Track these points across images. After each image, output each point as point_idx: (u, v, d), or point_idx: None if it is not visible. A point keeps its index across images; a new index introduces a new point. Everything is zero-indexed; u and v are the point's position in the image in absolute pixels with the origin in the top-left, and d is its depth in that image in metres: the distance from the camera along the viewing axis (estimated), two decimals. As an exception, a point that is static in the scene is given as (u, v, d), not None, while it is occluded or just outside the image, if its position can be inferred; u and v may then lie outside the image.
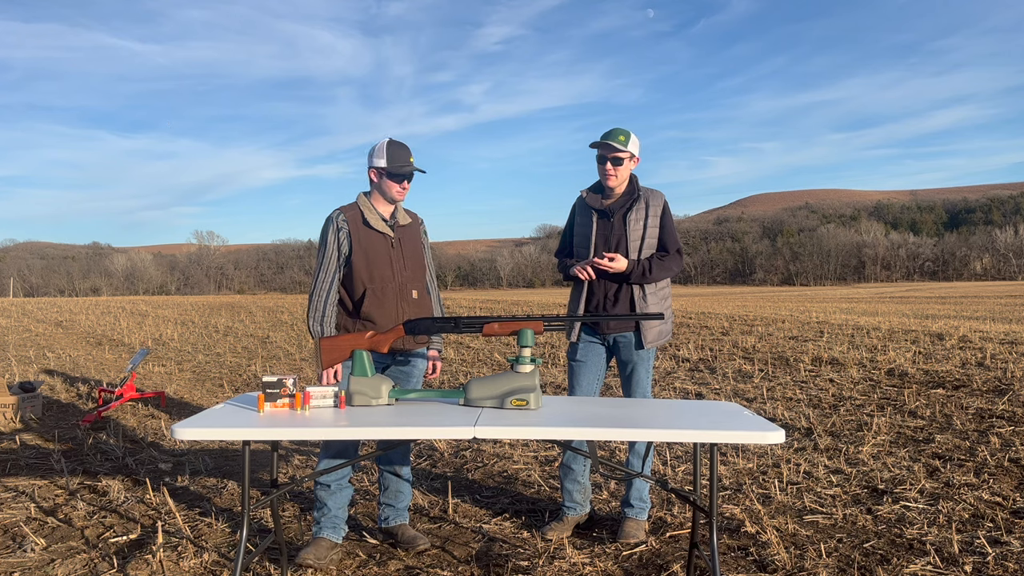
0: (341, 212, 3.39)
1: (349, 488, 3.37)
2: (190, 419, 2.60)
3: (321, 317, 3.33)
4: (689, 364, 8.62)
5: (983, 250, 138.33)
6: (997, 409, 5.66)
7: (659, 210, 3.54)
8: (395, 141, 3.37)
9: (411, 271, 3.44)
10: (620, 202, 3.53)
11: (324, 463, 3.30)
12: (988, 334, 9.90)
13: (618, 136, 3.45)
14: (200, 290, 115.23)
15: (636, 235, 3.50)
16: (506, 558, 3.30)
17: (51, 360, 11.02)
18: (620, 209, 3.52)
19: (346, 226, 3.35)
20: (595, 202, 3.56)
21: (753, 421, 2.58)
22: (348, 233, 3.35)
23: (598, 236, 3.54)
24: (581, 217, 3.63)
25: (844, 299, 38.14)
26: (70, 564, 3.30)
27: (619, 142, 3.43)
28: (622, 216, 3.51)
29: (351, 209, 3.40)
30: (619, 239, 3.51)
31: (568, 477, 3.62)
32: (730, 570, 3.13)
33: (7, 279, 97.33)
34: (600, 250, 3.52)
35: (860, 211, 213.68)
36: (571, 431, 2.49)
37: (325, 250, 3.37)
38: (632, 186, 3.57)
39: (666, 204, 3.58)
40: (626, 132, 3.47)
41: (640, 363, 3.51)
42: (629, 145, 3.44)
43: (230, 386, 8.49)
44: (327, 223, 3.40)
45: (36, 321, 19.74)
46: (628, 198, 3.54)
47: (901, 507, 3.76)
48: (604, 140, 3.45)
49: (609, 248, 3.51)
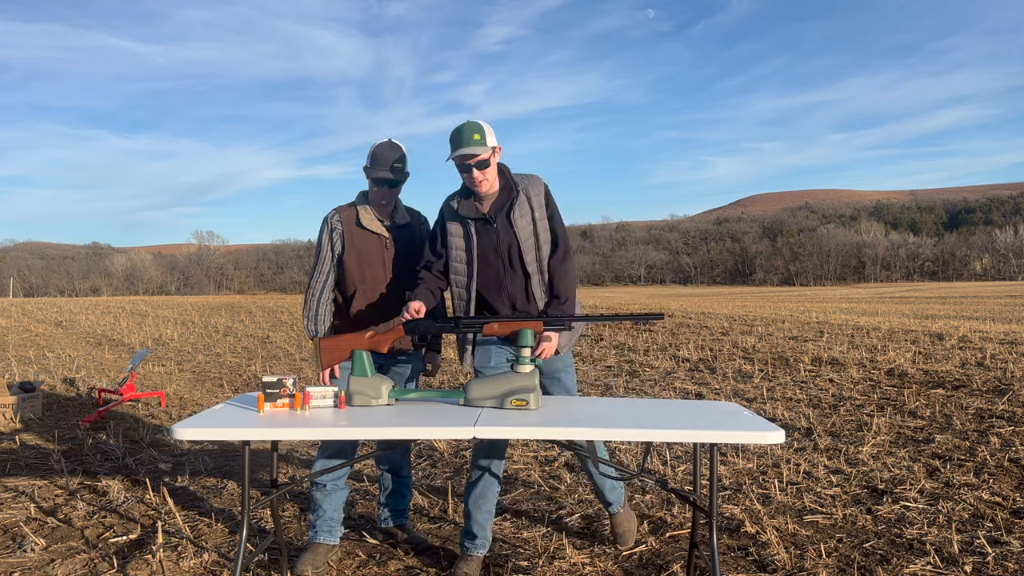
0: (336, 212, 3.37)
1: (346, 489, 3.36)
2: (190, 419, 2.60)
3: (315, 316, 3.33)
4: (689, 364, 8.62)
5: (983, 250, 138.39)
6: (997, 409, 5.66)
7: (542, 199, 3.11)
8: (384, 143, 3.28)
9: (405, 271, 3.36)
10: (499, 203, 3.09)
11: (321, 463, 3.28)
12: (988, 334, 9.90)
13: (472, 136, 2.97)
14: (200, 290, 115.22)
15: (526, 235, 3.06)
16: (506, 558, 3.30)
17: (51, 360, 11.02)
18: (501, 211, 3.07)
19: (340, 226, 3.34)
20: (470, 210, 3.09)
21: (753, 421, 2.58)
22: (342, 234, 3.33)
23: (482, 247, 3.08)
24: (455, 226, 3.13)
25: (844, 299, 38.14)
26: (70, 564, 3.30)
27: (475, 143, 2.96)
28: (505, 218, 3.07)
29: (347, 209, 3.38)
30: (509, 245, 3.07)
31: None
32: (730, 570, 3.13)
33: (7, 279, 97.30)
34: (492, 261, 3.09)
35: (860, 211, 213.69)
36: (571, 431, 2.49)
37: (320, 250, 3.37)
38: (506, 180, 3.11)
39: (547, 189, 3.14)
40: (478, 126, 2.99)
41: (563, 369, 3.24)
42: (488, 140, 2.99)
43: (230, 386, 8.49)
44: (323, 224, 3.39)
45: (36, 321, 19.74)
46: (506, 196, 3.09)
47: (901, 507, 3.76)
48: (458, 148, 2.97)
49: (501, 257, 3.07)
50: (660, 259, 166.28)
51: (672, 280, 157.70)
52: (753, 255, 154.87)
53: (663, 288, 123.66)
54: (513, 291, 3.11)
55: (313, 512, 3.31)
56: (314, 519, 3.30)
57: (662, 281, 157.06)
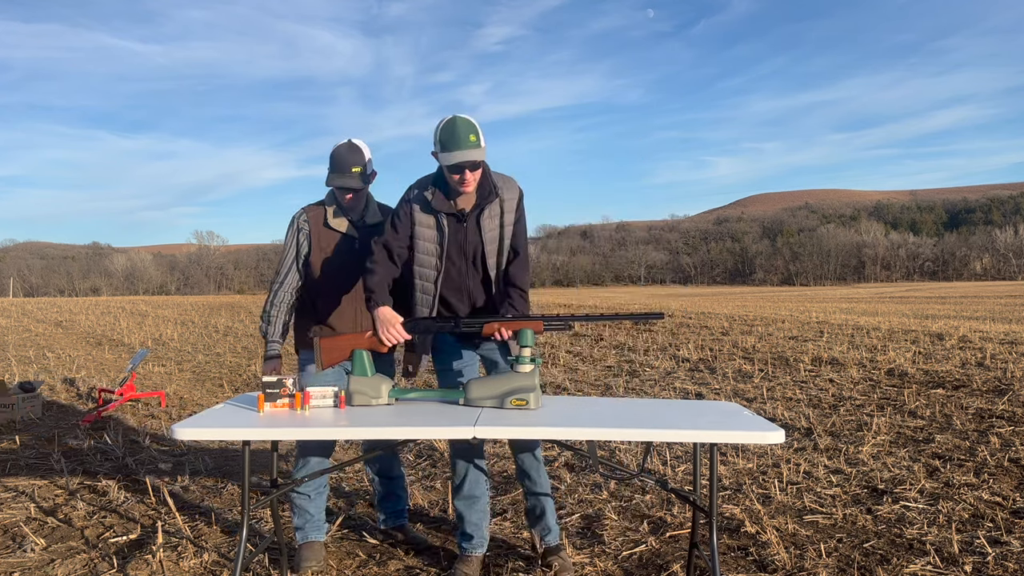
0: (304, 212, 3.28)
1: (327, 488, 3.37)
2: (190, 419, 2.60)
3: (268, 315, 3.26)
4: (689, 364, 8.62)
5: (983, 250, 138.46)
6: (997, 409, 5.66)
7: (514, 204, 3.00)
8: (344, 146, 3.14)
9: None
10: (474, 202, 2.95)
11: (304, 470, 3.19)
12: (988, 334, 9.91)
13: (468, 137, 2.75)
14: (200, 290, 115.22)
15: (492, 238, 2.97)
16: (506, 558, 3.30)
17: (51, 360, 11.02)
18: (474, 211, 2.94)
19: (307, 226, 3.25)
20: (443, 204, 2.92)
21: (753, 421, 2.58)
22: (308, 234, 3.24)
23: (451, 242, 2.96)
24: (426, 217, 2.96)
25: (844, 299, 38.14)
26: (70, 564, 3.30)
27: (471, 145, 2.75)
28: (475, 218, 2.95)
29: (315, 209, 3.28)
30: (475, 247, 2.96)
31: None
32: (730, 570, 3.13)
33: (7, 279, 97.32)
34: (455, 258, 2.99)
35: (860, 211, 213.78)
36: (571, 431, 2.49)
37: (286, 251, 3.29)
38: (485, 178, 2.94)
39: (520, 195, 3.03)
40: (472, 125, 2.78)
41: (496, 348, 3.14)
42: (482, 140, 2.79)
43: (230, 386, 8.49)
44: (290, 223, 3.30)
45: (36, 321, 19.75)
46: (481, 196, 2.94)
47: (901, 507, 3.76)
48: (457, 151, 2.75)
49: (465, 256, 2.98)
50: (660, 259, 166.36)
51: (672, 280, 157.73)
52: (753, 255, 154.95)
53: (663, 288, 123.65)
54: (474, 291, 3.05)
55: (299, 516, 3.28)
56: (301, 522, 3.28)
57: (662, 281, 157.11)
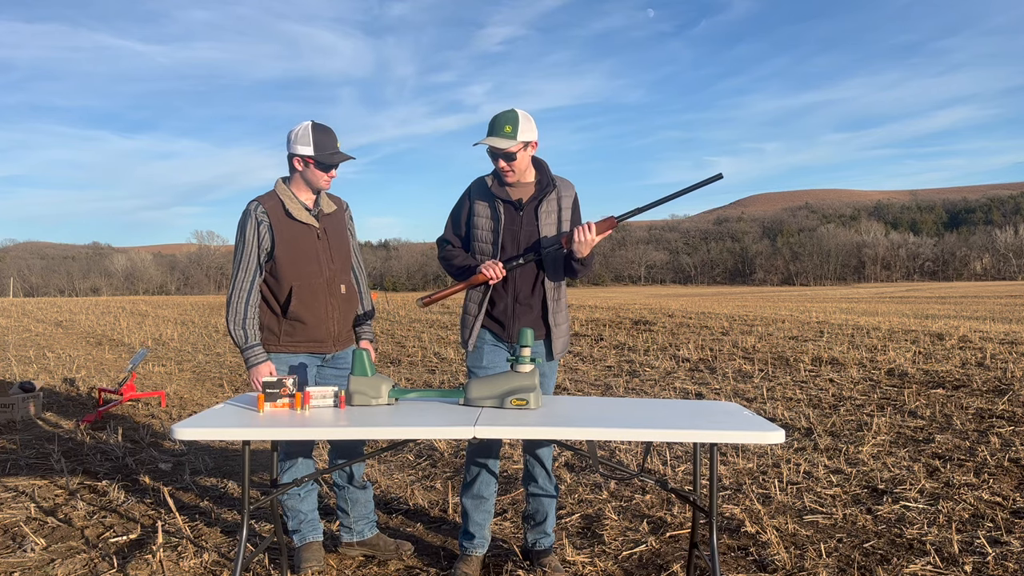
0: (259, 204, 3.07)
1: (316, 487, 3.36)
2: (190, 419, 2.60)
3: (243, 320, 3.04)
4: (689, 364, 8.62)
5: (983, 250, 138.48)
6: (997, 409, 5.66)
7: (571, 202, 3.13)
8: (319, 125, 3.06)
9: (339, 264, 3.20)
10: (532, 193, 3.07)
11: (292, 472, 3.17)
12: (988, 334, 9.90)
13: (503, 128, 2.90)
14: (200, 290, 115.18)
15: (549, 231, 3.06)
16: (506, 558, 3.30)
17: (51, 360, 11.02)
18: (532, 201, 3.06)
19: (267, 219, 3.05)
20: (502, 192, 3.04)
21: (753, 421, 2.58)
22: (269, 226, 3.05)
23: (506, 231, 3.05)
24: (483, 206, 3.09)
25: (844, 299, 38.12)
26: (70, 564, 3.30)
27: (503, 135, 2.90)
28: (533, 209, 3.06)
29: (270, 199, 3.09)
30: (530, 235, 3.05)
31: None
32: (730, 570, 3.13)
33: (7, 279, 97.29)
34: (508, 247, 3.06)
35: (860, 211, 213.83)
36: (571, 431, 2.49)
37: (244, 246, 3.05)
38: (543, 174, 3.10)
39: (576, 197, 3.17)
40: (513, 117, 2.91)
41: (549, 374, 3.17)
42: (519, 134, 2.90)
43: (230, 386, 8.49)
44: (244, 216, 3.07)
45: (36, 321, 19.75)
46: (540, 188, 3.08)
47: (901, 507, 3.76)
48: (487, 137, 2.94)
49: (518, 246, 3.06)
50: (660, 259, 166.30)
51: (672, 280, 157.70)
52: (753, 255, 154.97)
53: (663, 288, 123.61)
54: (520, 283, 3.07)
55: (293, 518, 3.25)
56: (296, 524, 3.26)
57: (662, 281, 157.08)
